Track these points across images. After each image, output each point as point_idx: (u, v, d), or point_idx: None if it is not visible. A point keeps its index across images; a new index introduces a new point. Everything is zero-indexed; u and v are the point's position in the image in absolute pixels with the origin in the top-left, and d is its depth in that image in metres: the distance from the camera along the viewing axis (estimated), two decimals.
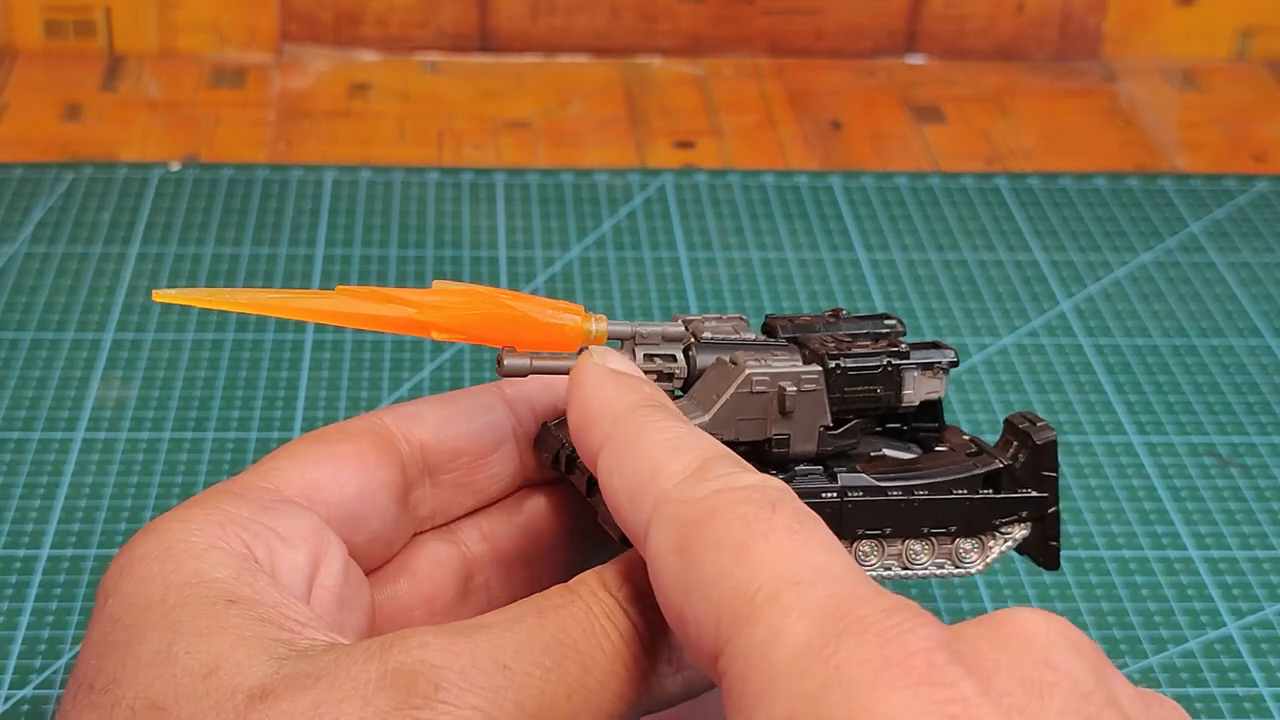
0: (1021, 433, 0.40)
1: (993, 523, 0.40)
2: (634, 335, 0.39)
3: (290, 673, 0.32)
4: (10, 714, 0.50)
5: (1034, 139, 0.85)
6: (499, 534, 0.42)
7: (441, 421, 0.41)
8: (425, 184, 0.78)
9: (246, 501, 0.37)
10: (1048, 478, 0.40)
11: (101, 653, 0.34)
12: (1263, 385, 0.67)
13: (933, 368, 0.40)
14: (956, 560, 0.40)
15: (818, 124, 0.85)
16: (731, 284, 0.71)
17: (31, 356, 0.65)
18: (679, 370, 0.39)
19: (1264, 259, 0.75)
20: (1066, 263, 0.74)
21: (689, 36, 0.90)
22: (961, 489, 0.39)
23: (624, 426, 0.35)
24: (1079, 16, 0.91)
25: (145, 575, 0.35)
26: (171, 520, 0.37)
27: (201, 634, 0.33)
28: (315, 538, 0.38)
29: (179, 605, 0.34)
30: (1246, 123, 0.87)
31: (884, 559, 0.39)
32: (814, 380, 0.38)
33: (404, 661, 0.32)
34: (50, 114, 0.82)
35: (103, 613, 0.35)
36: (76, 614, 0.53)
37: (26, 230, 0.73)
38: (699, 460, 0.34)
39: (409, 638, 0.33)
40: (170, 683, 0.33)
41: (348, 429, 0.41)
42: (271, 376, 0.65)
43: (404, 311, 0.38)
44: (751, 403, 0.38)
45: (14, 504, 0.58)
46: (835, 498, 0.38)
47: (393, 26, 0.88)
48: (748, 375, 0.38)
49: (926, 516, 0.39)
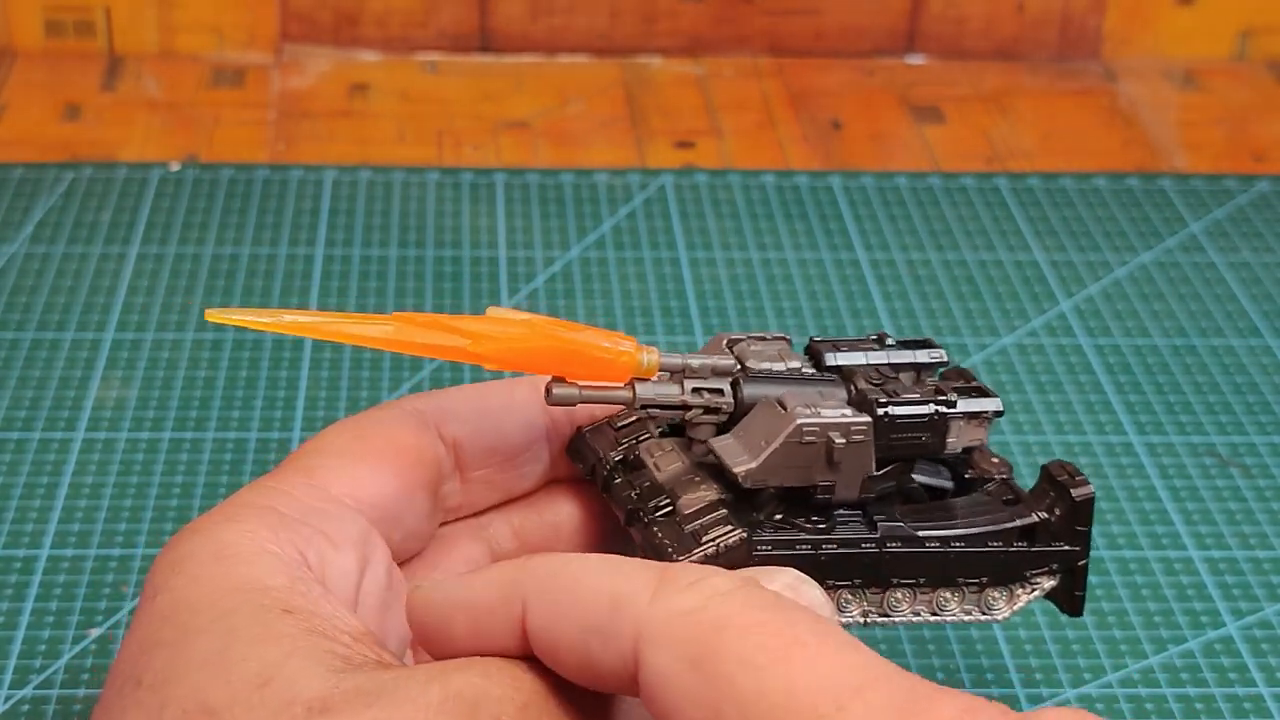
0: (1060, 485, 0.40)
1: (1024, 573, 0.40)
2: (684, 368, 0.39)
3: (348, 688, 0.32)
4: (10, 714, 0.50)
5: (1034, 139, 0.85)
6: (529, 530, 0.42)
7: (478, 417, 0.41)
8: (425, 184, 0.78)
9: (297, 502, 0.37)
10: (1081, 532, 0.40)
11: (149, 649, 0.34)
12: (1263, 385, 0.67)
13: (979, 417, 0.40)
14: (984, 608, 0.40)
15: (818, 124, 0.85)
16: (731, 284, 0.71)
17: (31, 356, 0.65)
18: (725, 405, 0.39)
19: (1264, 259, 0.75)
20: (1066, 263, 0.74)
21: (689, 36, 0.90)
22: (997, 541, 0.39)
23: (545, 571, 0.34)
24: (1079, 16, 0.91)
25: (197, 575, 0.35)
26: (223, 520, 0.36)
27: (256, 641, 0.33)
28: (363, 541, 0.38)
29: (233, 610, 0.34)
30: (1246, 123, 0.87)
31: (914, 605, 0.39)
32: (863, 432, 0.38)
33: (466, 689, 0.32)
34: (50, 114, 0.82)
35: (150, 608, 0.35)
36: (76, 614, 0.53)
37: (26, 230, 0.73)
38: (655, 573, 0.33)
39: (469, 667, 0.33)
40: (224, 688, 0.32)
41: (384, 421, 0.40)
42: (271, 376, 0.65)
43: (458, 342, 0.37)
44: (800, 452, 0.38)
45: (14, 504, 0.58)
46: (874, 548, 0.38)
47: (393, 26, 0.88)
48: (798, 426, 0.37)
49: (961, 567, 0.39)
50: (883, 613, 0.39)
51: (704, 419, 0.39)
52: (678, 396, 0.38)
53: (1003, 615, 0.40)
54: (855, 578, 0.38)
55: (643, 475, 0.40)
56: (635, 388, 0.38)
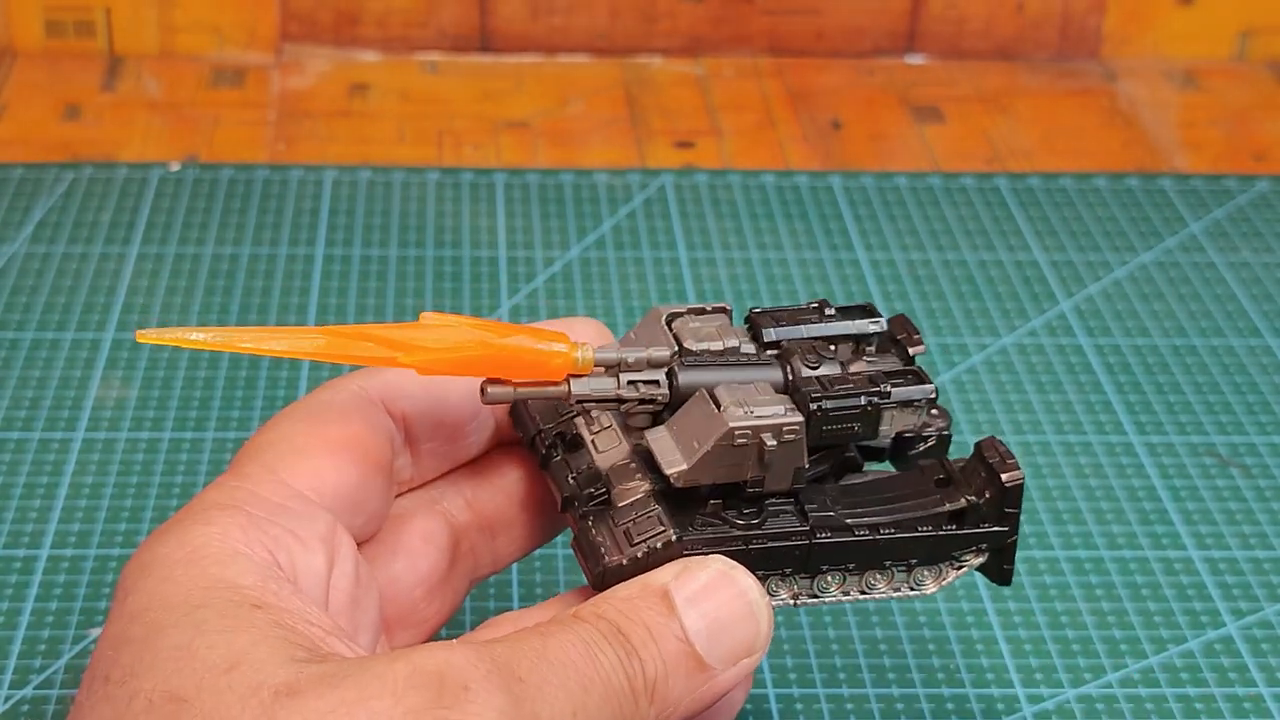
0: (990, 468, 0.40)
1: (951, 554, 0.41)
2: (620, 363, 0.39)
3: (315, 672, 0.33)
4: (10, 714, 0.50)
5: (1034, 139, 0.85)
6: (481, 500, 0.43)
7: (424, 392, 0.41)
8: (425, 184, 0.78)
9: (264, 501, 0.37)
10: (1010, 514, 0.40)
11: (118, 646, 0.34)
12: (1263, 385, 0.67)
13: (912, 405, 0.40)
14: (913, 585, 0.41)
15: (818, 124, 0.85)
16: (731, 284, 0.71)
17: (31, 356, 0.65)
18: (661, 396, 0.39)
19: (1264, 259, 0.75)
20: (1066, 263, 0.74)
21: (689, 36, 0.90)
22: (927, 525, 0.40)
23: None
24: (1079, 16, 0.91)
25: (168, 576, 0.35)
26: (193, 522, 0.36)
27: (224, 631, 0.34)
28: (330, 538, 0.38)
29: (202, 605, 0.34)
30: (1246, 123, 0.87)
31: (844, 587, 0.40)
32: (795, 431, 0.38)
33: (430, 662, 0.33)
34: (50, 114, 0.82)
35: (121, 608, 0.35)
36: (76, 614, 0.53)
37: (26, 230, 0.73)
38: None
39: (433, 647, 0.34)
40: (191, 676, 0.33)
41: (335, 406, 0.40)
42: (271, 376, 0.65)
43: (388, 355, 0.38)
44: (732, 453, 0.38)
45: (14, 504, 0.58)
46: (804, 540, 0.39)
47: (393, 26, 0.88)
48: (730, 429, 0.38)
49: (890, 552, 0.40)
50: (812, 594, 0.40)
51: (640, 409, 0.39)
52: (613, 391, 0.39)
53: (929, 590, 0.41)
54: (786, 567, 0.39)
55: (580, 457, 0.40)
56: (570, 385, 0.39)
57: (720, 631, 0.37)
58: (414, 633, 0.42)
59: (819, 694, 0.52)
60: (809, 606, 0.40)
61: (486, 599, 0.54)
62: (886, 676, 0.52)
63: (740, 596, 0.37)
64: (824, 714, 0.51)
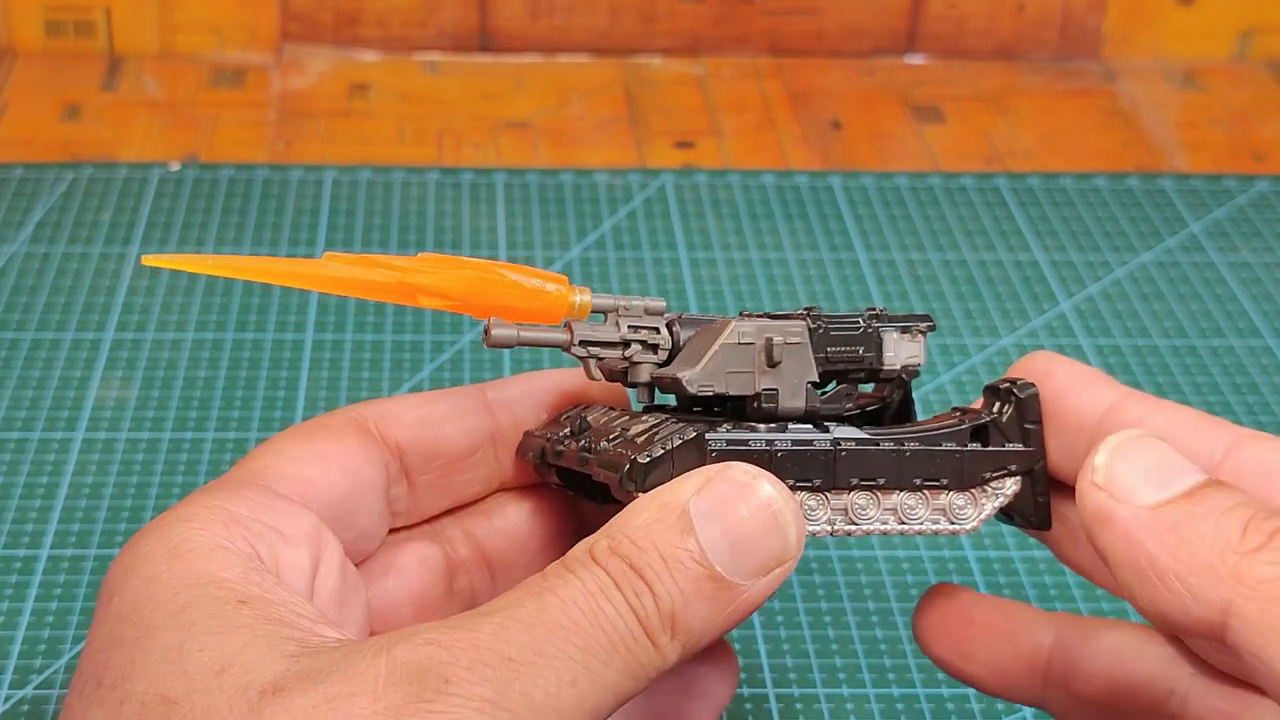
0: (1003, 391, 0.41)
1: (983, 476, 0.40)
2: (617, 308, 0.40)
3: (301, 669, 0.33)
4: (10, 714, 0.50)
5: (1034, 139, 0.85)
6: (481, 536, 0.43)
7: (419, 423, 0.41)
8: (425, 184, 0.78)
9: (245, 500, 0.37)
10: (1031, 431, 0.41)
11: (108, 649, 0.34)
12: (1263, 385, 0.67)
13: (910, 330, 0.40)
14: (952, 517, 0.40)
15: (818, 124, 0.85)
16: (731, 284, 0.71)
17: (31, 356, 0.65)
18: (663, 341, 0.39)
19: (1264, 259, 0.75)
20: (1066, 263, 0.74)
21: (689, 36, 0.90)
22: (950, 442, 0.40)
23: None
24: (1079, 16, 0.91)
25: (152, 574, 0.35)
26: (174, 520, 0.37)
27: (214, 632, 0.33)
28: (315, 536, 0.38)
29: (189, 605, 0.34)
30: (1246, 123, 0.87)
31: (880, 512, 0.40)
32: (798, 334, 0.39)
33: (412, 657, 0.33)
34: (50, 114, 0.82)
35: (107, 610, 0.35)
36: (76, 614, 0.53)
37: (26, 230, 0.73)
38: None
39: (414, 634, 0.33)
40: (182, 679, 0.33)
41: (330, 426, 0.40)
42: (271, 376, 0.65)
43: (391, 276, 0.38)
44: (739, 354, 0.38)
45: (14, 504, 0.58)
46: (828, 446, 0.39)
47: (393, 26, 0.88)
48: (734, 327, 0.38)
49: (918, 468, 0.40)
50: (850, 521, 0.39)
51: (643, 358, 0.39)
52: (615, 335, 0.39)
53: (971, 525, 0.40)
54: (812, 476, 0.39)
55: (590, 433, 0.40)
56: (572, 327, 0.39)
57: (744, 545, 0.36)
58: None
59: (819, 694, 0.52)
60: (849, 535, 0.40)
61: None
62: (886, 676, 0.52)
63: (764, 506, 0.36)
64: (824, 714, 0.51)
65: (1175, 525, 0.34)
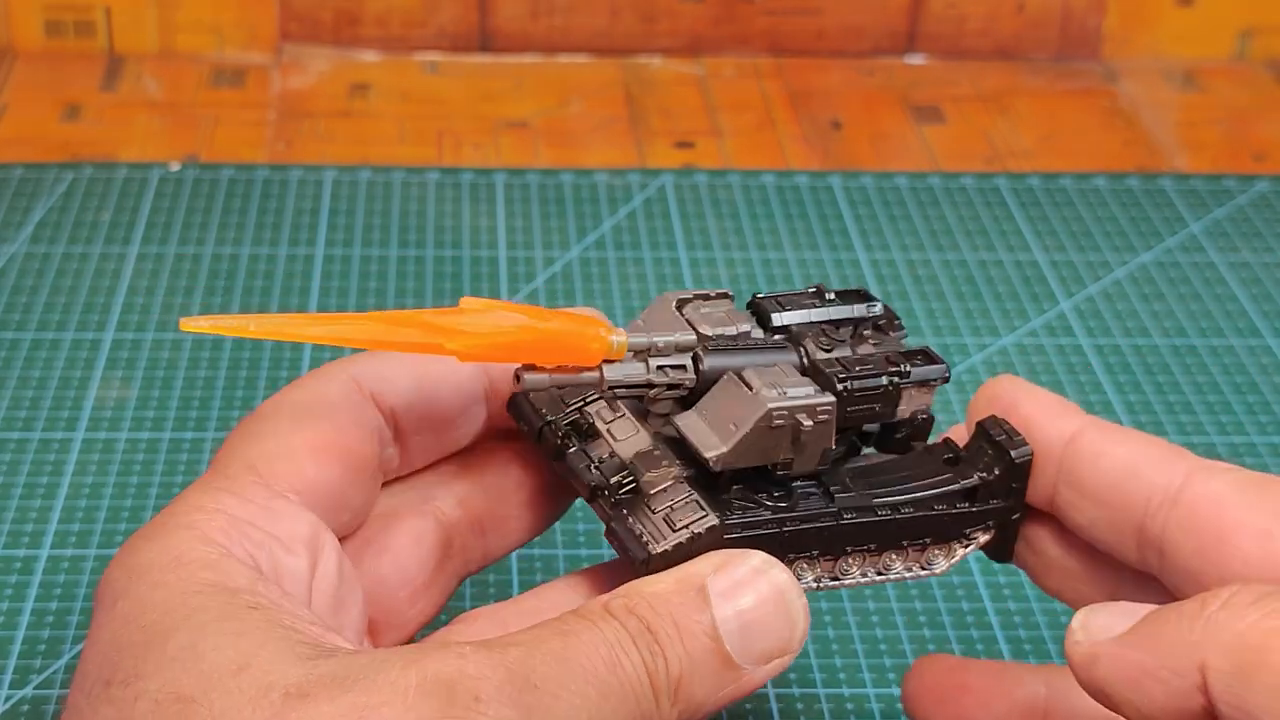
0: (998, 445, 0.41)
1: (963, 531, 0.41)
2: (650, 347, 0.39)
3: (324, 673, 0.32)
4: (10, 714, 0.50)
5: (1034, 139, 0.85)
6: (474, 497, 0.43)
7: (415, 386, 0.41)
8: (425, 184, 0.78)
9: (244, 502, 0.37)
10: (1018, 489, 0.41)
11: (116, 651, 0.34)
12: (1263, 385, 0.67)
13: (928, 384, 0.41)
14: (924, 564, 0.41)
15: (818, 124, 0.85)
16: (732, 284, 0.71)
17: (31, 356, 0.65)
18: (688, 381, 0.39)
19: (1264, 259, 0.75)
20: (1066, 263, 0.74)
21: (689, 36, 0.90)
22: (943, 504, 0.40)
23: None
24: (1079, 16, 0.91)
25: (159, 581, 0.35)
26: (176, 526, 0.36)
27: (228, 633, 0.33)
28: (313, 539, 0.38)
29: (200, 608, 0.34)
30: (1246, 123, 0.87)
31: (864, 568, 0.40)
32: (828, 412, 0.38)
33: (443, 670, 0.33)
34: (50, 114, 0.82)
35: (111, 613, 0.35)
36: (76, 614, 0.53)
37: (26, 230, 0.73)
38: None
39: (445, 648, 0.33)
40: (198, 677, 0.32)
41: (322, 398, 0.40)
42: (271, 376, 0.65)
43: (434, 341, 0.37)
44: (769, 435, 0.38)
45: (14, 504, 0.58)
46: (832, 521, 0.39)
47: (393, 26, 0.88)
48: (769, 411, 0.38)
49: (909, 531, 0.40)
50: (834, 577, 0.40)
51: (666, 394, 0.39)
52: (643, 376, 0.39)
53: (941, 569, 0.41)
54: (814, 549, 0.39)
55: (599, 445, 0.40)
56: (604, 371, 0.39)
57: (753, 630, 0.36)
58: (398, 633, 0.41)
59: (819, 694, 0.52)
60: (830, 590, 0.40)
61: (487, 598, 0.54)
62: (886, 676, 0.52)
63: (778, 596, 0.37)
64: (824, 714, 0.51)
65: (1150, 629, 0.35)
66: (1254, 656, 0.33)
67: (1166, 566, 0.39)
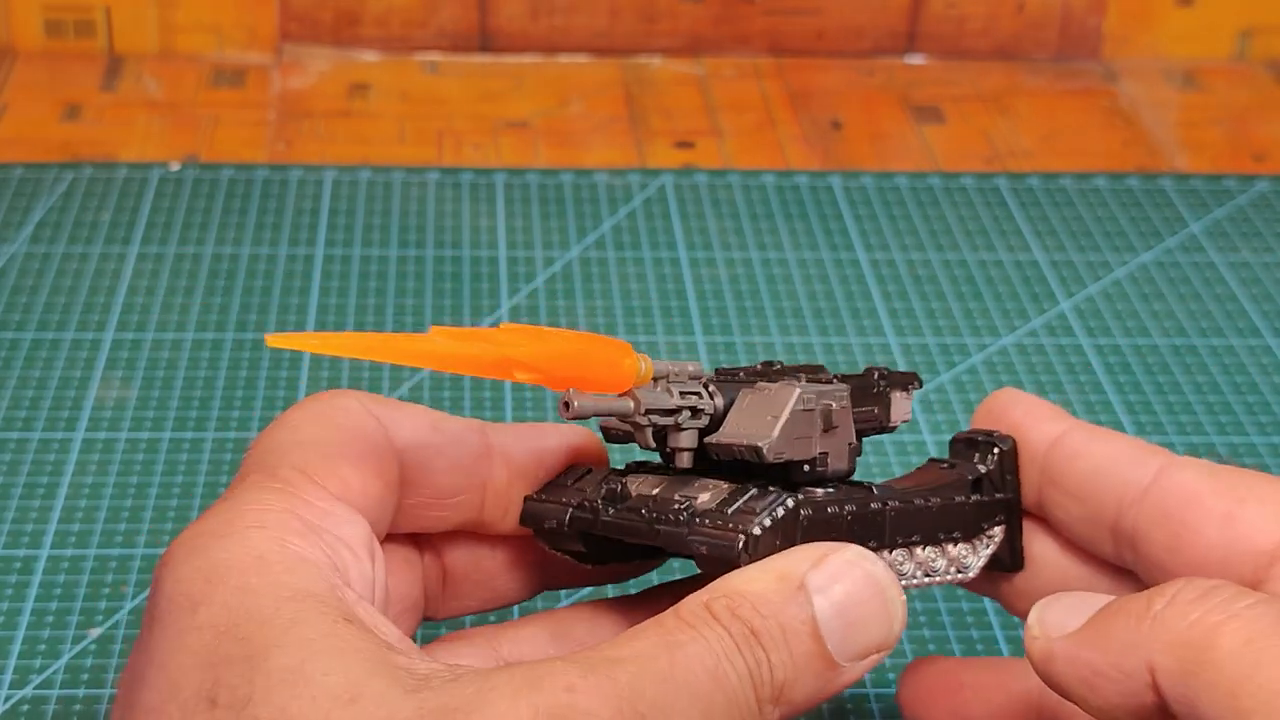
0: (982, 444, 0.42)
1: (981, 525, 0.42)
2: (668, 374, 0.39)
3: (434, 707, 0.32)
4: (10, 714, 0.50)
5: (1034, 139, 0.85)
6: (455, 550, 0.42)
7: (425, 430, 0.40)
8: (425, 184, 0.78)
9: (310, 505, 0.36)
10: (1010, 480, 0.42)
11: (215, 665, 0.33)
12: (1263, 385, 0.67)
13: (906, 389, 0.41)
14: (960, 566, 0.42)
15: (818, 124, 0.85)
16: (732, 284, 0.71)
17: (31, 356, 0.65)
18: (708, 407, 0.39)
19: (1264, 259, 0.75)
20: (1066, 263, 0.74)
21: (689, 36, 0.90)
22: (960, 495, 0.41)
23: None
24: (1079, 16, 0.91)
25: (244, 586, 0.34)
26: (248, 526, 0.35)
27: (334, 654, 0.32)
28: (370, 546, 0.37)
29: (297, 621, 0.33)
30: (1246, 123, 0.87)
31: (914, 566, 0.40)
32: (845, 397, 0.39)
33: (555, 704, 0.32)
34: (50, 114, 0.82)
35: (194, 619, 0.34)
36: (76, 614, 0.53)
37: (26, 230, 0.73)
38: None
39: (554, 676, 0.32)
40: (310, 705, 0.32)
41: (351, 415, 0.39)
42: (271, 376, 0.65)
43: (491, 352, 0.36)
44: (804, 420, 0.38)
45: (14, 504, 0.58)
46: (882, 507, 0.39)
47: (393, 26, 0.88)
48: (799, 394, 0.38)
49: (941, 523, 0.41)
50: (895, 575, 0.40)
51: (690, 424, 0.39)
52: (673, 401, 0.39)
53: (974, 572, 0.42)
54: (870, 539, 0.39)
55: (638, 500, 0.39)
56: (637, 396, 0.38)
57: (854, 627, 0.35)
58: None
59: None
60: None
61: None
62: (886, 676, 0.52)
63: (877, 589, 0.36)
64: (824, 714, 0.51)
65: (1100, 627, 0.35)
66: (1197, 655, 0.33)
67: (1140, 561, 0.40)
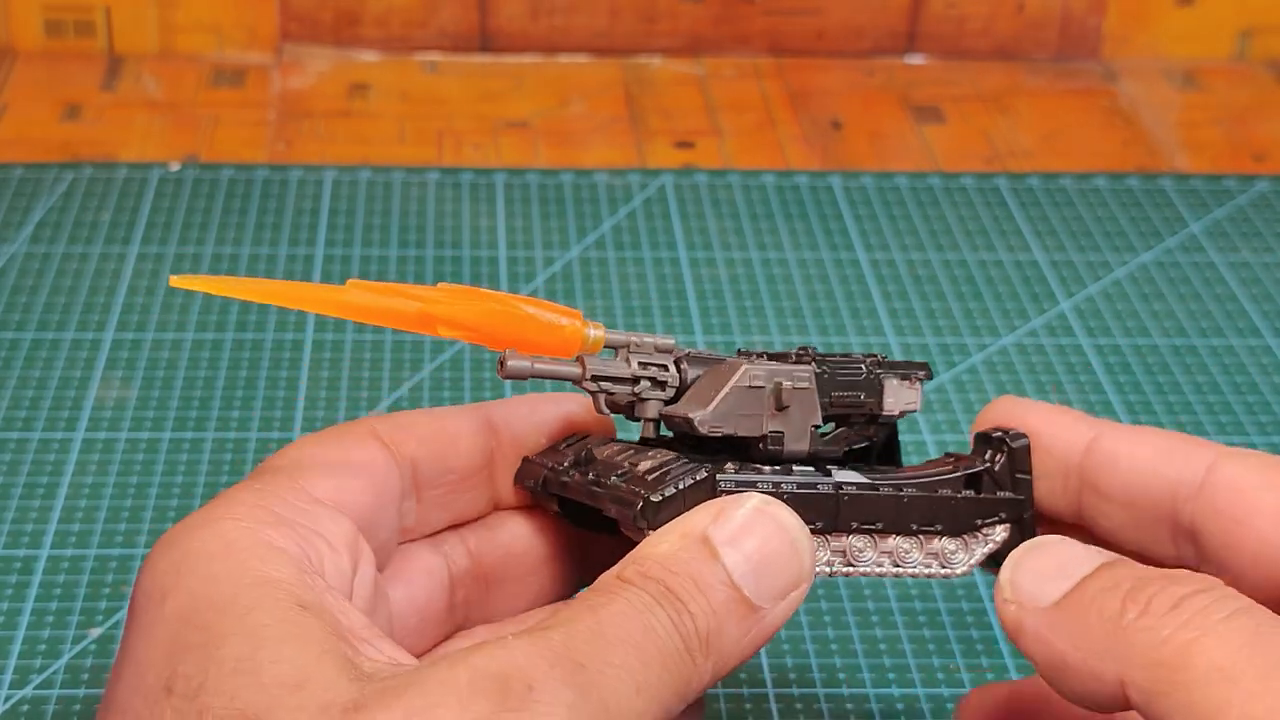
0: (996, 440, 0.42)
1: (975, 523, 0.41)
2: (628, 344, 0.40)
3: (378, 686, 0.32)
4: (10, 714, 0.50)
5: (1034, 139, 0.85)
6: (483, 551, 0.43)
7: (432, 439, 0.41)
8: (425, 184, 0.78)
9: (288, 502, 0.37)
10: (1022, 480, 0.42)
11: (175, 654, 0.34)
12: (1263, 385, 0.67)
13: (910, 378, 0.41)
14: (944, 560, 0.41)
15: (818, 124, 0.85)
16: (732, 284, 0.71)
17: (31, 356, 0.65)
18: (671, 379, 0.40)
19: (1264, 259, 0.75)
20: (1066, 263, 0.74)
21: (689, 36, 0.90)
22: (946, 489, 0.41)
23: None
24: (1079, 16, 0.91)
25: (210, 574, 0.35)
26: (221, 517, 0.36)
27: (284, 641, 0.33)
28: (353, 543, 0.38)
29: (254, 608, 0.34)
30: (1246, 123, 0.87)
31: (878, 555, 0.40)
32: (806, 379, 0.39)
33: (491, 664, 0.32)
34: (50, 114, 0.83)
35: (162, 610, 0.35)
36: (76, 614, 0.53)
37: (26, 230, 0.73)
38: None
39: (490, 643, 0.33)
40: (260, 693, 0.32)
41: (349, 435, 0.41)
42: (271, 376, 0.65)
43: (412, 305, 0.38)
44: (749, 397, 0.39)
45: (14, 504, 0.58)
46: (831, 490, 0.39)
47: (393, 26, 0.88)
48: (746, 370, 0.39)
49: (915, 513, 0.41)
50: (847, 562, 0.40)
51: (652, 395, 0.40)
52: (626, 371, 0.39)
53: (962, 569, 0.41)
54: (815, 520, 0.39)
55: (598, 466, 0.40)
56: (585, 362, 0.39)
57: (765, 569, 0.36)
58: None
59: (819, 694, 0.52)
60: (846, 576, 0.41)
61: None
62: (886, 676, 0.52)
63: (781, 531, 0.37)
64: (824, 714, 0.51)
65: (1073, 616, 0.35)
66: (1170, 675, 0.33)
67: (1203, 557, 0.39)
